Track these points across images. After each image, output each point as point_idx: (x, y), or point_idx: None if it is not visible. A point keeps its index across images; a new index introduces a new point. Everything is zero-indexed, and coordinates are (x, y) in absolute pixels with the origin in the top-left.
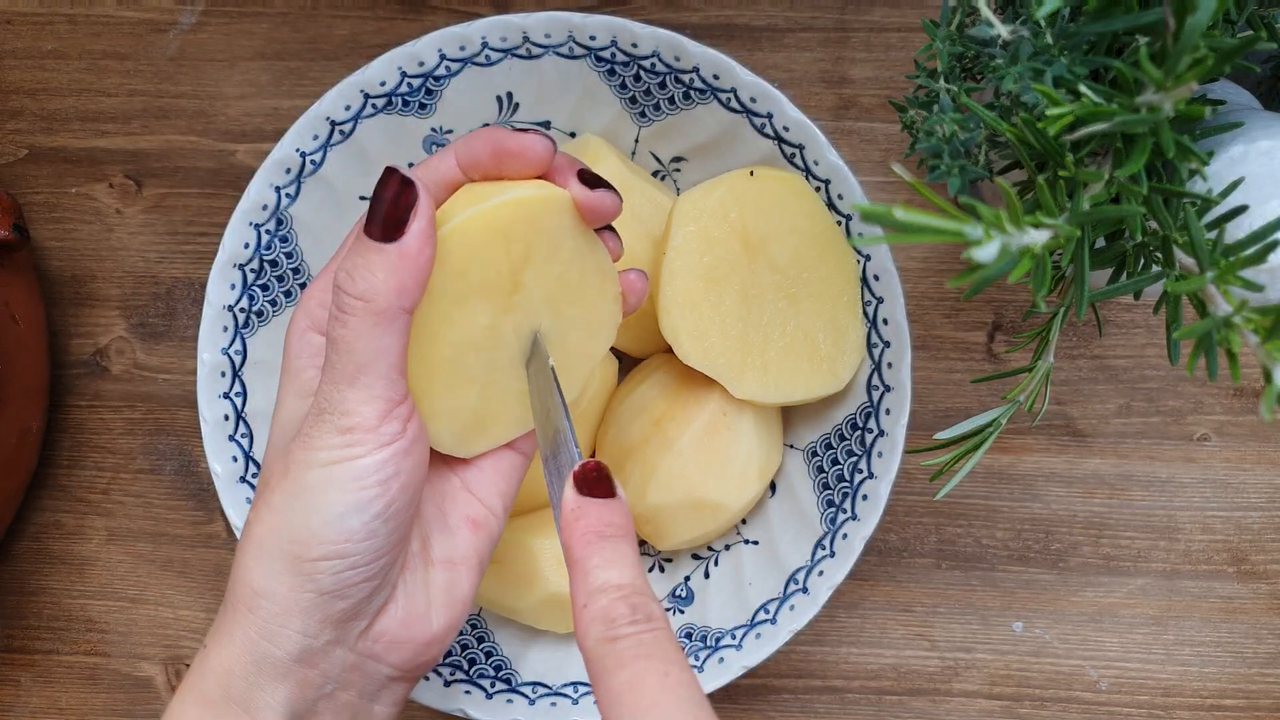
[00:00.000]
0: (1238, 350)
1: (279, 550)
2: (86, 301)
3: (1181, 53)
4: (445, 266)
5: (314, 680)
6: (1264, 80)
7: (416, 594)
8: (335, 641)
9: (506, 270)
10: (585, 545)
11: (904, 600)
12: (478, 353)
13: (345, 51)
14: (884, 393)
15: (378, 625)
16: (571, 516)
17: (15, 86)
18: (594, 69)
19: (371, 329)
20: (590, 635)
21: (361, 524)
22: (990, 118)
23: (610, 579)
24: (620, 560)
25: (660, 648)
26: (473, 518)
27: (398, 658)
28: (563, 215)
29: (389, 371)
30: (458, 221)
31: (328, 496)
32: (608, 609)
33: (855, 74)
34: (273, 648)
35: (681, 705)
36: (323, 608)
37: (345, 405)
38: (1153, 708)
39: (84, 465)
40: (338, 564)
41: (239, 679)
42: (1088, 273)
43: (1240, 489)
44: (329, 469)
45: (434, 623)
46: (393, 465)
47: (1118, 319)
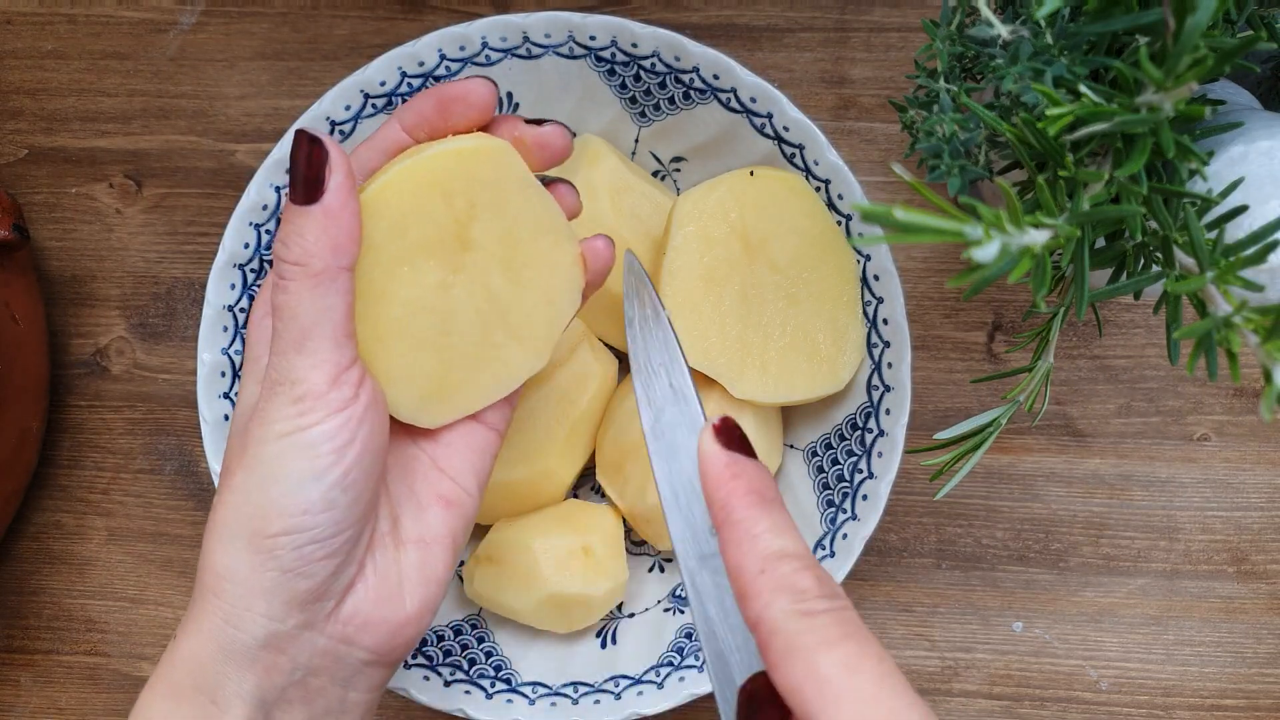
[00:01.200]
0: (1238, 350)
1: (240, 529)
2: (86, 301)
3: (1181, 53)
4: (383, 223)
5: (283, 666)
6: (1264, 80)
7: (388, 573)
8: (304, 625)
9: (450, 226)
10: (749, 506)
11: (904, 600)
12: (430, 314)
13: (345, 51)
14: (884, 393)
15: (347, 606)
16: (728, 472)
17: (15, 86)
18: (594, 69)
19: (312, 291)
20: (776, 606)
21: (319, 494)
22: (990, 118)
23: (787, 546)
24: (791, 528)
25: (861, 629)
26: (444, 495)
27: (371, 640)
28: (503, 165)
29: (335, 334)
30: (389, 175)
31: (284, 468)
32: (792, 578)
33: (855, 74)
34: (238, 633)
35: (905, 699)
36: (286, 587)
37: (294, 373)
38: (1153, 708)
39: (84, 465)
40: (298, 538)
41: (206, 668)
42: (1088, 273)
43: (1240, 489)
44: (283, 440)
45: (407, 603)
46: (347, 432)
47: (1117, 319)
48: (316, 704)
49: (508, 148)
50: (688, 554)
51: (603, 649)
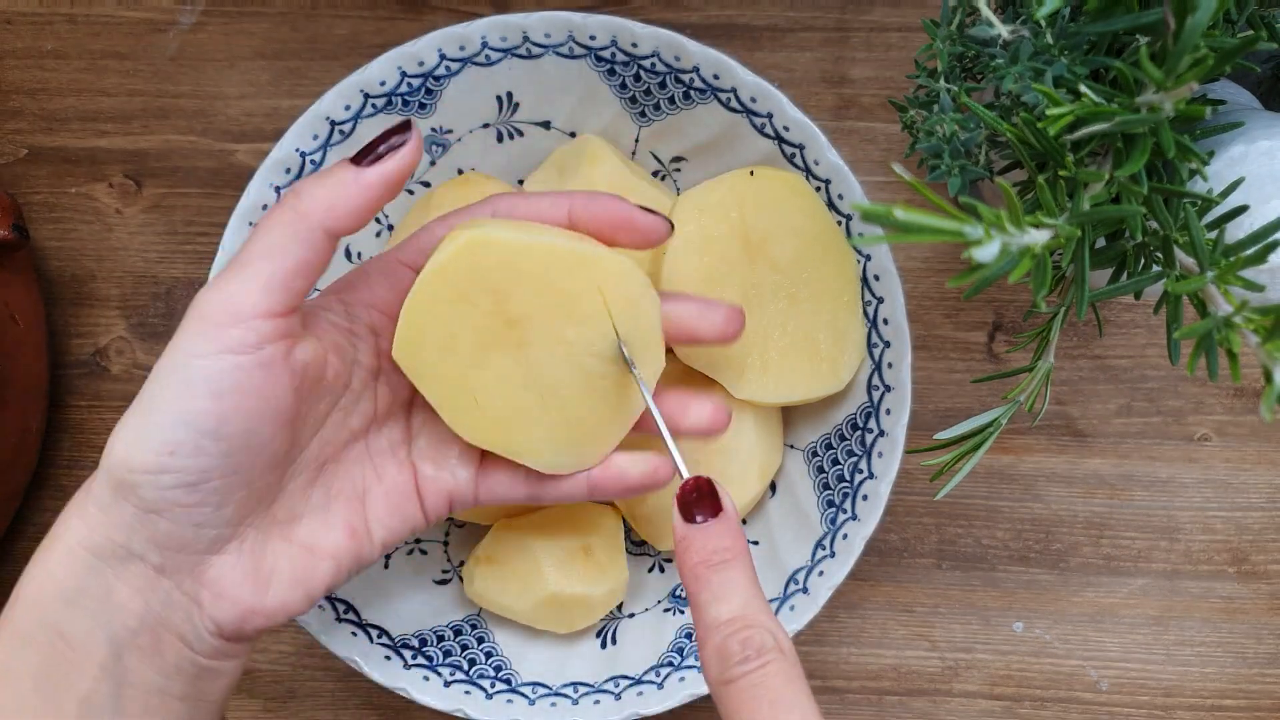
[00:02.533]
0: (1238, 350)
1: (112, 453)
2: (86, 301)
3: (1182, 53)
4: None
5: (135, 607)
6: (1264, 80)
7: (262, 559)
8: (160, 569)
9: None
10: (695, 580)
11: (904, 600)
12: (516, 374)
13: (345, 51)
14: (884, 393)
15: (211, 570)
16: (680, 549)
17: (15, 86)
18: (594, 69)
19: (282, 223)
20: (709, 677)
21: (189, 437)
22: (990, 118)
23: (720, 614)
24: (730, 590)
25: (770, 687)
26: (353, 525)
27: (219, 613)
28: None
29: (274, 273)
30: (543, 238)
31: (160, 399)
32: (721, 647)
33: (855, 74)
34: (94, 559)
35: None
36: (146, 523)
37: (209, 294)
38: (1153, 708)
39: (84, 465)
40: (163, 478)
41: (54, 599)
42: (1088, 273)
43: (1241, 489)
44: (168, 360)
45: (270, 595)
46: (230, 378)
47: (1118, 319)
48: (166, 656)
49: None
50: None
51: (603, 649)
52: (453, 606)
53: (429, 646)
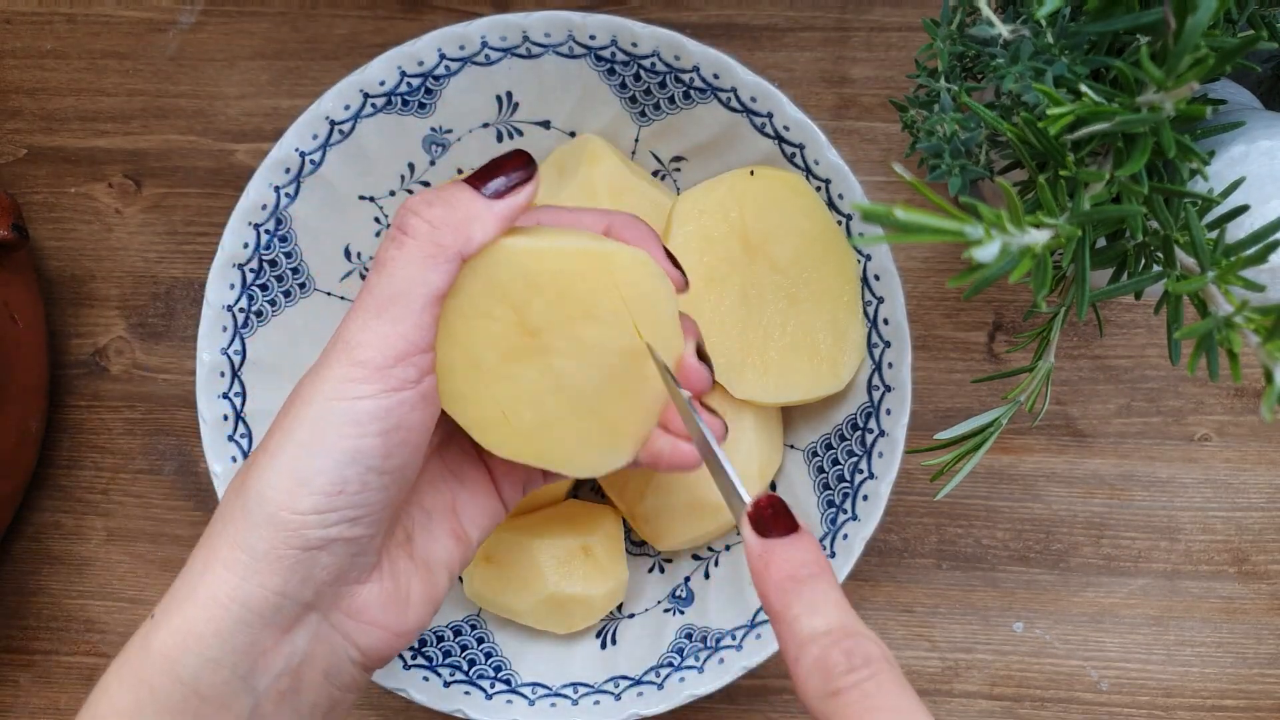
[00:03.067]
0: (1239, 350)
1: (266, 500)
2: (86, 301)
3: (1182, 52)
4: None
5: (281, 650)
6: (1265, 80)
7: (399, 581)
8: (310, 605)
9: (612, 321)
10: (783, 594)
11: (904, 601)
12: (539, 373)
13: (345, 51)
14: (884, 393)
15: (359, 599)
16: (760, 564)
17: (14, 86)
18: (594, 68)
19: (424, 259)
20: (810, 692)
21: (357, 474)
22: (991, 117)
23: (817, 626)
24: (823, 602)
25: (885, 695)
26: (455, 532)
27: (366, 641)
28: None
29: (423, 311)
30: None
31: (325, 437)
32: (822, 659)
33: (856, 73)
34: (246, 612)
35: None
36: (307, 563)
37: (365, 335)
38: (1153, 708)
39: (83, 465)
40: (329, 516)
41: (194, 656)
42: (1088, 273)
43: (1241, 489)
44: (330, 405)
45: (410, 616)
46: (397, 415)
47: (1118, 319)
48: (304, 696)
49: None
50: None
51: (602, 649)
52: (452, 607)
53: (428, 647)
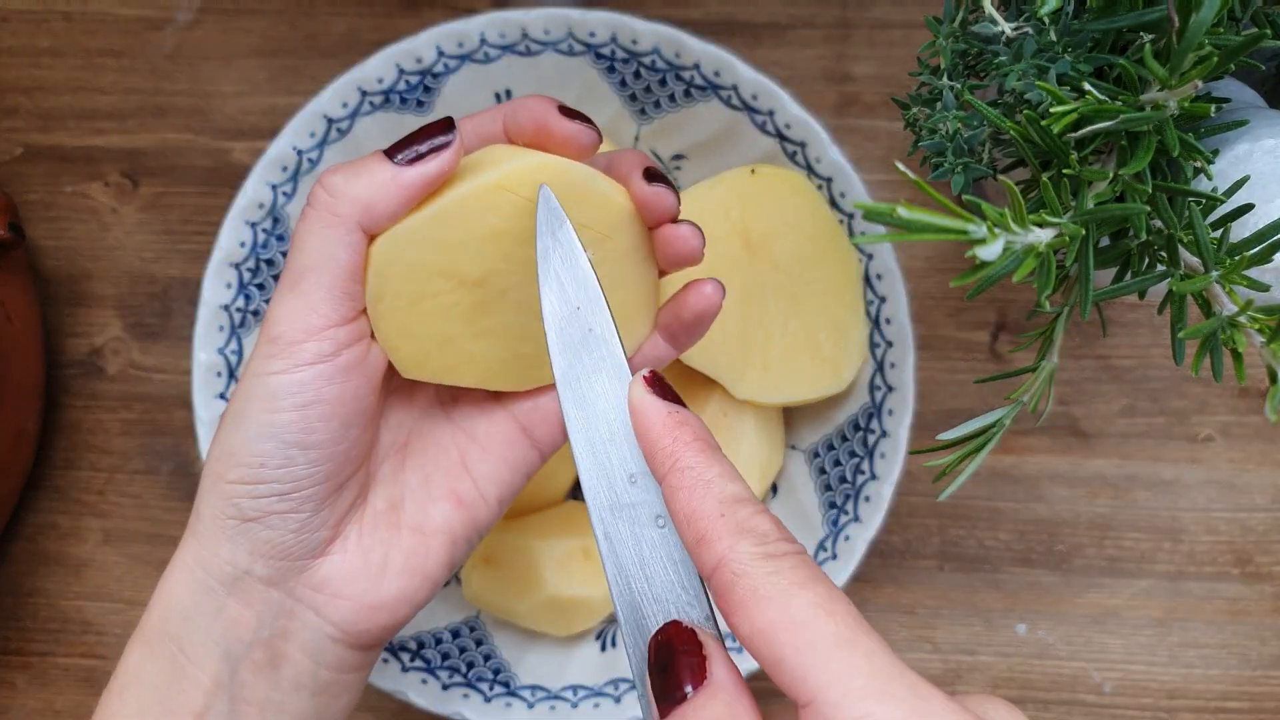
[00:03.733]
0: (1243, 350)
1: (210, 469)
2: (82, 301)
3: (1186, 50)
4: (501, 207)
5: (247, 621)
6: (1269, 78)
7: (372, 551)
8: (269, 580)
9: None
10: (699, 453)
11: (907, 602)
12: (489, 301)
13: (342, 49)
14: (886, 393)
15: (320, 572)
16: (673, 420)
17: (10, 84)
18: (593, 66)
19: (324, 230)
20: (738, 548)
21: (274, 449)
22: (994, 115)
23: (741, 492)
24: (740, 477)
25: (825, 575)
26: (459, 494)
27: (338, 614)
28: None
29: (332, 284)
30: (504, 171)
31: (245, 413)
32: (752, 521)
33: (858, 71)
34: (205, 575)
35: (880, 642)
36: (248, 535)
37: (275, 312)
38: (1157, 710)
39: (80, 466)
40: (255, 488)
41: (175, 613)
42: (1092, 272)
43: (1245, 490)
44: (249, 383)
45: (385, 587)
46: (311, 389)
47: (1122, 319)
48: (284, 670)
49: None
50: (600, 504)
51: (602, 652)
52: (451, 609)
53: (427, 649)
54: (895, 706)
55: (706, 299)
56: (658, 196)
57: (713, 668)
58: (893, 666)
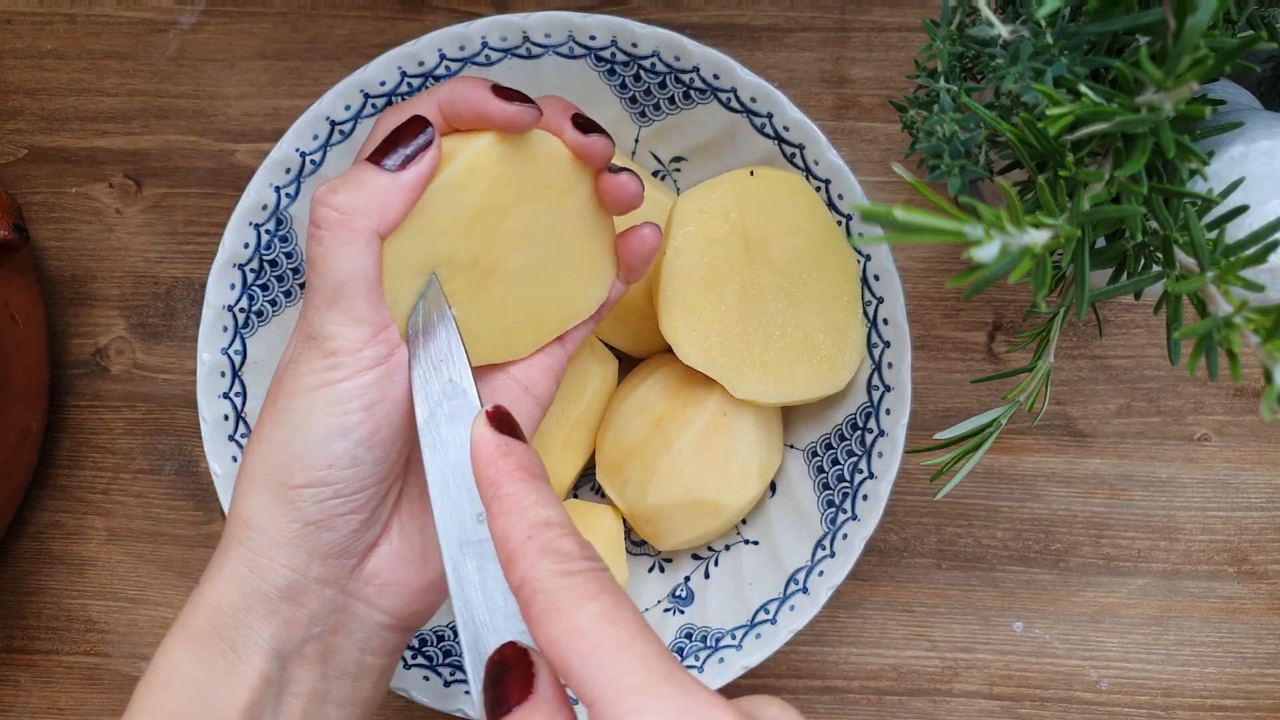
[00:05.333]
0: (1238, 350)
1: (266, 479)
2: (86, 301)
3: (1182, 53)
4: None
5: (301, 619)
6: (1264, 80)
7: (413, 538)
8: (324, 580)
9: (497, 211)
10: (519, 481)
11: (904, 600)
12: (465, 275)
13: (345, 51)
14: (884, 393)
15: (369, 565)
16: (499, 452)
17: (15, 86)
18: (594, 69)
19: (346, 247)
20: (540, 567)
21: (345, 449)
22: (990, 118)
23: (552, 515)
24: (555, 501)
25: (617, 587)
26: None
27: (390, 602)
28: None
29: (368, 293)
30: (469, 155)
31: (311, 421)
32: (556, 542)
33: (855, 74)
34: (260, 581)
35: (657, 646)
36: (309, 539)
37: (327, 328)
38: (1153, 708)
39: (83, 465)
40: (322, 491)
41: (226, 615)
42: (1088, 273)
43: (1241, 489)
44: (313, 394)
45: (430, 568)
46: (377, 390)
47: (1118, 319)
48: (332, 662)
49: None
50: (451, 540)
51: None
52: (452, 607)
53: (428, 647)
54: (662, 702)
55: (646, 241)
56: (590, 145)
57: (539, 684)
58: (664, 668)
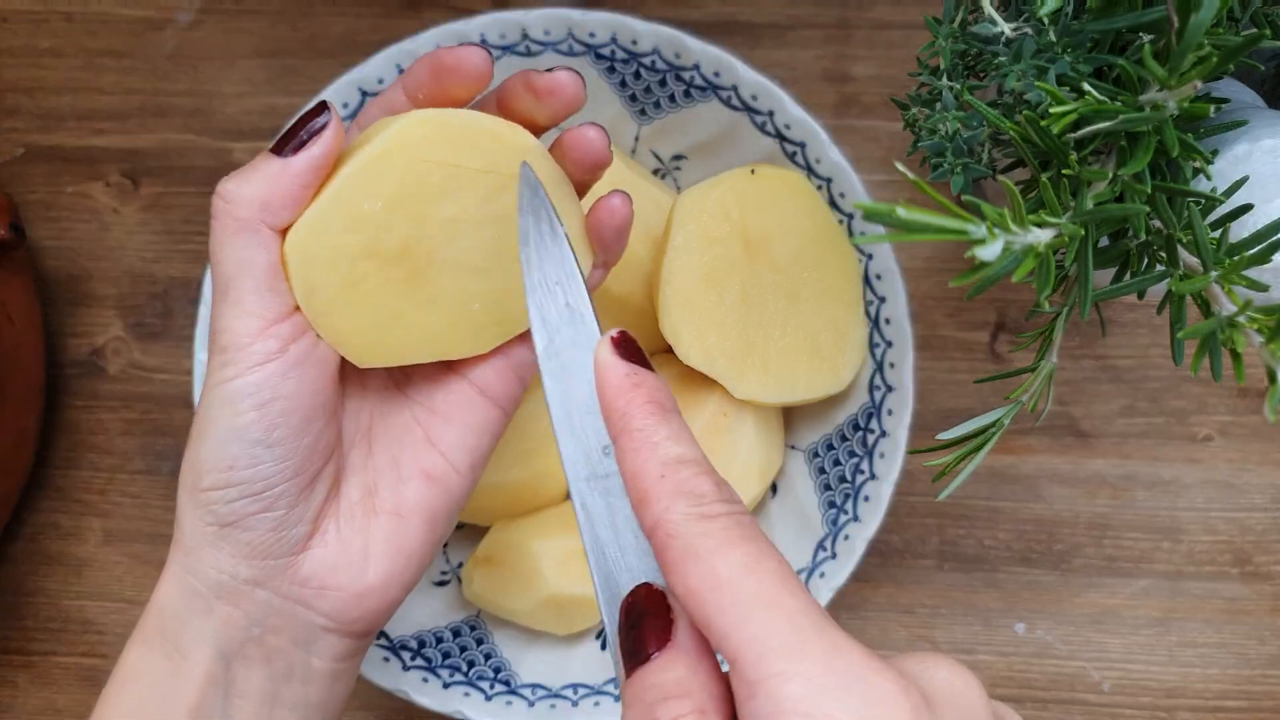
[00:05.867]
0: (1242, 350)
1: (183, 482)
2: (83, 301)
3: (1185, 51)
4: (390, 177)
5: (238, 620)
6: (1268, 78)
7: (351, 541)
8: (254, 581)
9: (443, 188)
10: (649, 414)
11: (906, 602)
12: (410, 264)
13: (342, 49)
14: (886, 393)
15: (304, 568)
16: (629, 382)
17: (11, 84)
18: (594, 66)
19: (232, 238)
20: (675, 510)
21: (241, 450)
22: (993, 116)
23: (686, 453)
24: (689, 437)
25: (760, 534)
26: (429, 470)
27: (327, 606)
28: (506, 138)
29: (257, 286)
30: (390, 132)
31: (210, 423)
32: (691, 482)
33: (857, 71)
34: (194, 580)
35: (805, 601)
36: (229, 540)
37: (218, 323)
38: (1155, 709)
39: (81, 466)
40: (228, 492)
41: (169, 615)
42: (1091, 272)
43: (1244, 490)
44: (210, 394)
45: (369, 573)
46: (268, 388)
47: (1121, 319)
48: (276, 664)
49: (515, 129)
50: (578, 475)
51: (603, 650)
52: (452, 608)
53: (428, 648)
54: (813, 664)
55: (616, 212)
56: (557, 79)
57: (677, 632)
58: (814, 626)
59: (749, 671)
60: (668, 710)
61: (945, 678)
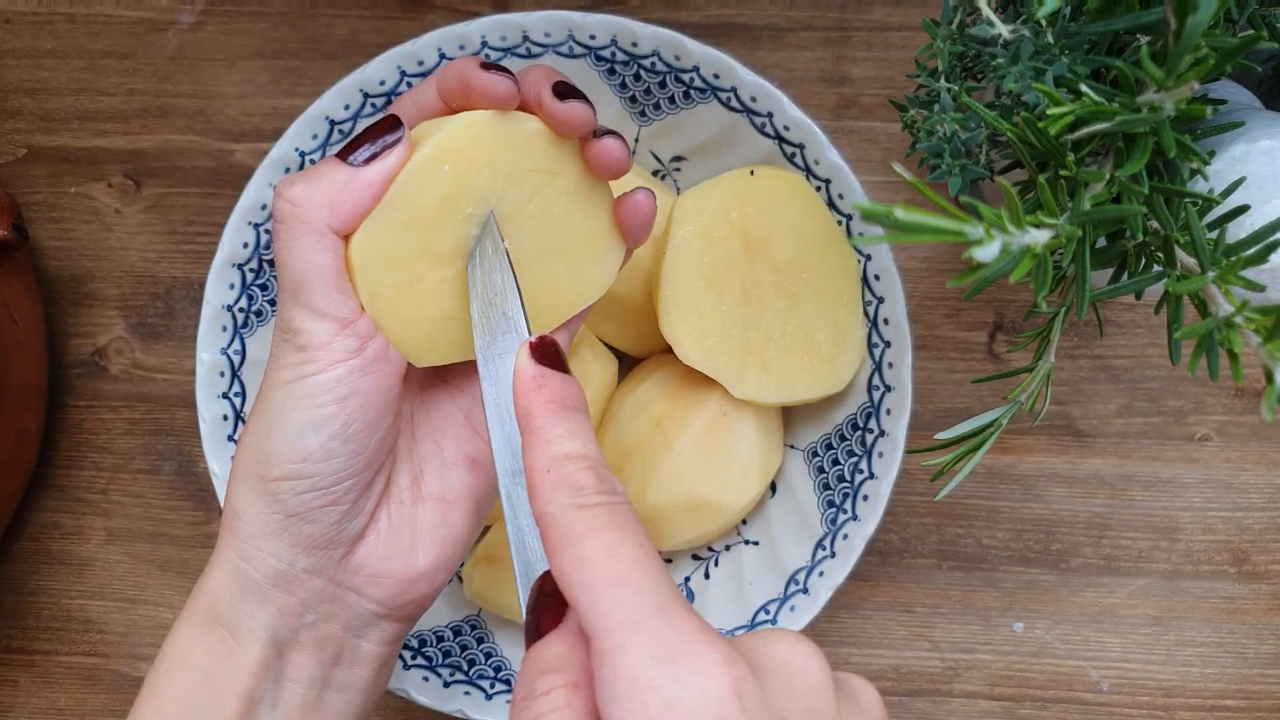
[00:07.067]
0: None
1: (249, 471)
2: (85, 301)
3: (1182, 52)
4: (435, 183)
5: (293, 608)
6: (1265, 80)
7: (401, 529)
8: (312, 570)
9: (483, 192)
10: (548, 414)
11: (905, 601)
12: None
13: (344, 50)
14: (885, 393)
15: (357, 557)
16: (534, 384)
17: (14, 86)
18: (594, 68)
19: (299, 240)
20: (555, 501)
21: (318, 443)
22: (991, 117)
23: (575, 449)
24: (583, 433)
25: (630, 522)
26: (472, 456)
27: (379, 593)
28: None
29: (325, 289)
30: (442, 135)
31: (285, 415)
32: (574, 476)
33: (856, 73)
34: (250, 569)
35: (654, 581)
36: (292, 531)
37: (294, 323)
38: (1154, 708)
39: (83, 465)
40: (299, 484)
41: (224, 600)
42: (1089, 272)
43: (1242, 489)
44: (287, 388)
45: (419, 559)
46: (348, 383)
47: (1119, 319)
48: (327, 649)
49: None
50: (505, 470)
51: None
52: (452, 607)
53: (428, 647)
54: (646, 638)
55: (640, 208)
56: (570, 112)
57: (570, 614)
58: (656, 603)
59: (597, 643)
60: (544, 682)
61: (783, 653)
